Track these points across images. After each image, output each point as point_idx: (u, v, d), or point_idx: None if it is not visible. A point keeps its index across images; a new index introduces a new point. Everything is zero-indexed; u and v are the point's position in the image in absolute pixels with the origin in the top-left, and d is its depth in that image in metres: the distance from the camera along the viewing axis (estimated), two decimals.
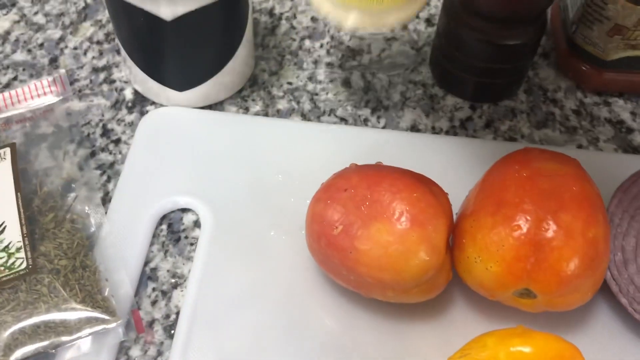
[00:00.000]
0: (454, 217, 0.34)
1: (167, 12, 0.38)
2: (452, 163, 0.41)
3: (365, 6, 0.36)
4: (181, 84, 0.43)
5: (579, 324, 0.35)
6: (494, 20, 0.41)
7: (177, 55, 0.41)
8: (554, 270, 0.30)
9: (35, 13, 0.51)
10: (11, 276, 0.35)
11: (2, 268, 0.35)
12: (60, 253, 0.36)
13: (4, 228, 0.37)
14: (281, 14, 0.52)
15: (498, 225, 0.31)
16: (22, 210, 0.37)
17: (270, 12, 0.52)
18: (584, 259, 0.30)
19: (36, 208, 0.38)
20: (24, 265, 0.35)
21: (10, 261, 0.35)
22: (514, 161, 0.34)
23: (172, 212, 0.40)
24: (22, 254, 0.35)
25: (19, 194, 0.38)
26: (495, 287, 0.32)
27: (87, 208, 0.39)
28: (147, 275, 0.37)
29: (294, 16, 0.52)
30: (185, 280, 0.37)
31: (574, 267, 0.30)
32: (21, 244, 0.36)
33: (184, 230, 0.39)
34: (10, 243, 0.36)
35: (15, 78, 0.47)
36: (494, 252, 0.31)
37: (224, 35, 0.41)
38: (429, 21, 0.52)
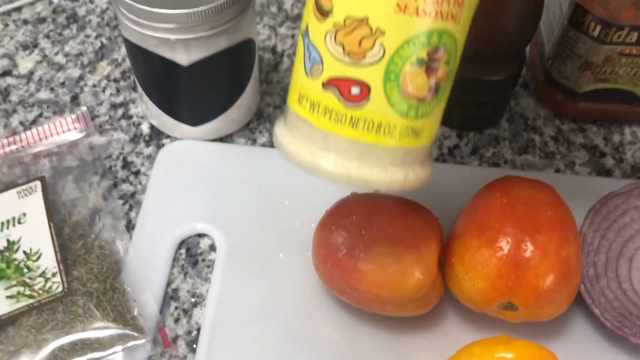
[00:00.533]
0: (445, 237, 0.39)
1: (183, 58, 0.42)
2: (441, 188, 0.46)
3: (357, 140, 0.30)
4: (195, 120, 0.47)
5: (556, 332, 0.39)
6: (477, 59, 0.45)
7: (192, 95, 0.45)
8: (532, 285, 0.34)
9: (56, 53, 0.55)
10: (50, 299, 0.39)
11: (41, 292, 0.39)
12: (92, 277, 0.40)
13: (40, 255, 0.41)
14: (283, 51, 0.56)
15: (483, 247, 0.35)
16: (55, 238, 0.41)
17: (273, 50, 0.56)
18: (558, 275, 0.34)
19: (67, 236, 0.42)
20: (60, 289, 0.39)
21: (48, 285, 0.39)
22: (496, 189, 0.38)
23: (190, 237, 0.44)
24: (57, 279, 0.39)
25: (51, 223, 0.42)
26: (482, 301, 0.36)
27: (113, 235, 0.43)
28: (170, 295, 0.41)
29: (295, 53, 0.56)
30: (204, 300, 0.41)
31: (549, 282, 0.34)
32: (56, 269, 0.40)
33: (201, 253, 0.43)
34: (46, 269, 0.40)
35: (40, 115, 0.51)
36: (479, 271, 0.35)
37: (234, 76, 0.46)
38: None
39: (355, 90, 0.29)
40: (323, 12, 0.28)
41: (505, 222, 0.35)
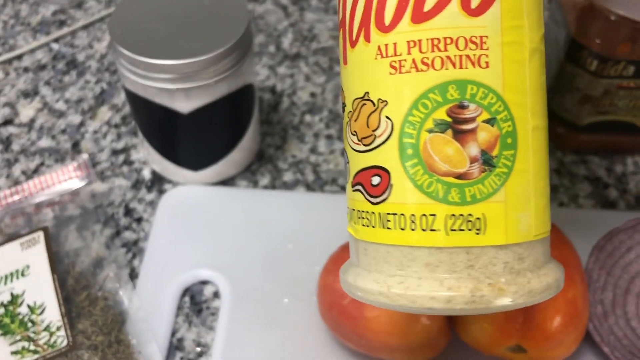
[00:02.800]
0: None
1: (184, 107, 0.42)
2: None
3: (394, 244, 0.24)
4: (196, 165, 0.47)
5: None
6: None
7: (193, 141, 0.45)
8: (540, 328, 0.34)
9: (57, 100, 0.56)
10: (54, 354, 0.38)
11: (46, 346, 0.39)
12: (97, 329, 0.40)
13: (44, 308, 0.40)
14: (282, 90, 0.57)
15: None
16: (59, 291, 0.41)
17: (272, 90, 0.57)
18: (565, 317, 0.34)
19: (70, 287, 0.42)
20: (65, 343, 0.39)
21: (53, 339, 0.39)
22: None
23: (194, 284, 0.44)
24: (62, 332, 0.39)
25: (55, 275, 0.42)
26: (490, 345, 0.36)
27: (117, 285, 0.43)
28: (175, 345, 0.41)
29: (294, 92, 0.56)
30: (209, 349, 0.41)
31: (557, 324, 0.34)
32: (61, 322, 0.40)
33: (205, 301, 0.43)
34: (51, 322, 0.40)
35: (42, 164, 0.51)
36: (487, 315, 0.35)
37: (234, 121, 0.46)
38: None
39: (376, 181, 0.24)
40: (343, 108, 0.26)
41: None
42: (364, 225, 0.24)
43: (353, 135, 0.24)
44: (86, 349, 0.39)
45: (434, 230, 0.23)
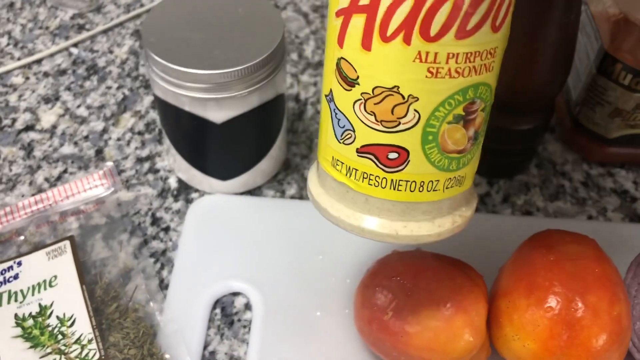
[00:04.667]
0: (488, 294, 0.38)
1: (216, 117, 0.42)
2: (476, 239, 0.45)
3: (400, 200, 0.29)
4: (225, 174, 0.47)
5: None
6: (507, 110, 0.45)
7: (223, 151, 0.45)
8: (584, 346, 0.34)
9: (78, 106, 0.55)
10: None
11: None
12: (129, 342, 0.39)
13: (74, 320, 0.40)
14: (306, 99, 0.56)
15: (532, 306, 0.35)
16: (88, 302, 0.40)
17: (296, 98, 0.56)
18: (611, 335, 0.34)
19: (99, 299, 0.41)
20: (97, 357, 0.38)
21: (84, 353, 0.38)
22: (540, 244, 0.38)
23: (225, 296, 0.43)
24: (94, 345, 0.38)
25: (83, 286, 0.41)
26: None
27: (147, 296, 0.42)
28: (207, 358, 0.40)
29: (318, 101, 0.56)
30: None
31: (602, 342, 0.34)
32: (92, 335, 0.39)
33: (236, 313, 0.42)
34: (82, 335, 0.39)
35: (65, 171, 0.50)
36: (530, 331, 0.34)
37: (265, 131, 0.45)
38: None
39: (392, 156, 0.28)
40: (348, 82, 0.27)
41: (554, 281, 0.35)
42: (370, 184, 0.29)
43: (369, 114, 0.27)
44: None
45: (436, 190, 0.29)
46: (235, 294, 0.43)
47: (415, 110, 0.26)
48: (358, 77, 0.27)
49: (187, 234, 0.46)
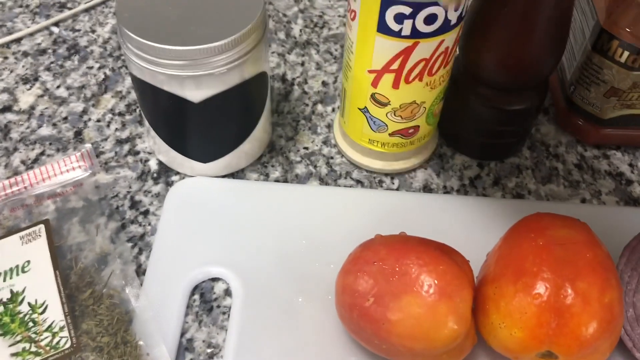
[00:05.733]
0: (475, 280, 0.36)
1: (194, 95, 0.40)
2: (465, 222, 0.44)
3: (414, 149, 0.46)
4: (205, 156, 0.45)
5: None
6: (498, 88, 0.44)
7: (203, 132, 0.43)
8: (574, 334, 0.32)
9: (58, 87, 0.53)
10: (57, 356, 0.36)
11: (48, 348, 0.36)
12: (102, 330, 0.38)
13: (46, 307, 0.38)
14: (293, 79, 0.54)
15: (520, 293, 0.33)
16: (61, 288, 0.39)
17: (283, 78, 0.54)
18: (601, 323, 0.32)
19: (73, 285, 0.40)
20: (68, 344, 0.37)
21: (55, 340, 0.37)
22: (529, 229, 0.36)
23: (204, 281, 0.42)
24: (65, 333, 0.37)
25: (57, 271, 0.40)
26: (520, 350, 0.34)
27: (123, 282, 0.41)
28: (184, 346, 0.39)
29: (305, 81, 0.54)
30: (220, 350, 0.39)
31: (592, 330, 0.32)
32: (64, 322, 0.38)
33: (215, 299, 0.41)
34: (53, 322, 0.38)
35: (42, 153, 0.49)
36: (517, 319, 0.33)
37: (247, 111, 0.44)
38: None
39: (410, 131, 0.44)
40: (381, 104, 0.42)
41: (542, 267, 0.33)
42: (398, 148, 0.46)
43: (397, 117, 0.43)
44: (91, 351, 0.37)
45: (430, 134, 0.47)
46: (215, 279, 0.42)
47: (424, 107, 0.43)
48: (389, 101, 0.42)
49: (166, 217, 0.44)
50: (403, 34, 0.37)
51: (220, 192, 0.46)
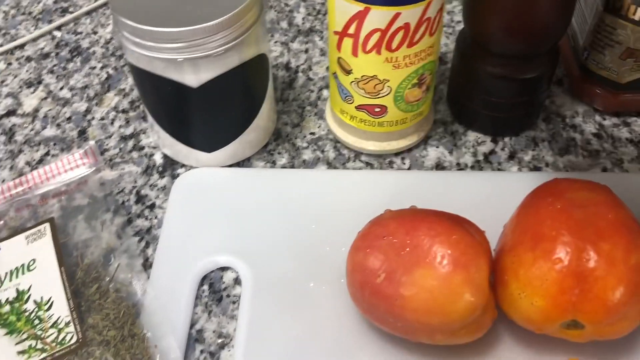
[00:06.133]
0: (493, 252, 0.35)
1: (192, 80, 0.39)
2: (481, 198, 0.42)
3: (386, 131, 0.45)
4: (209, 146, 0.44)
5: (629, 351, 0.35)
6: (507, 57, 0.42)
7: (205, 119, 0.42)
8: (600, 300, 0.30)
9: (61, 88, 0.53)
10: (64, 351, 0.35)
11: (54, 344, 0.36)
12: (108, 324, 0.37)
13: (52, 304, 0.37)
14: (297, 67, 0.53)
15: (539, 259, 0.31)
16: (67, 284, 0.38)
17: (287, 66, 0.53)
18: (629, 286, 0.30)
19: (80, 280, 0.39)
20: (74, 340, 0.36)
21: (61, 336, 0.36)
22: (546, 194, 0.34)
23: (212, 271, 0.40)
24: (71, 328, 0.36)
25: (62, 268, 0.39)
26: (542, 321, 0.32)
27: (129, 276, 0.40)
28: (194, 337, 0.38)
29: (310, 68, 0.53)
30: (231, 340, 0.37)
31: (619, 295, 0.30)
32: (70, 318, 0.37)
33: (225, 289, 0.40)
34: (59, 318, 0.37)
35: (47, 153, 0.48)
36: (537, 287, 0.31)
37: (248, 96, 0.43)
38: (441, 60, 0.53)
39: (377, 110, 0.43)
40: (346, 71, 0.42)
41: (561, 230, 0.31)
42: (366, 125, 0.44)
43: (360, 89, 0.42)
44: (97, 345, 0.36)
45: (404, 123, 0.44)
46: (224, 269, 0.41)
47: (388, 86, 0.41)
48: (351, 69, 0.41)
49: (171, 209, 0.43)
50: None
51: (226, 181, 0.44)
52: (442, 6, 0.39)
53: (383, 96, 0.42)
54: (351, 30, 0.38)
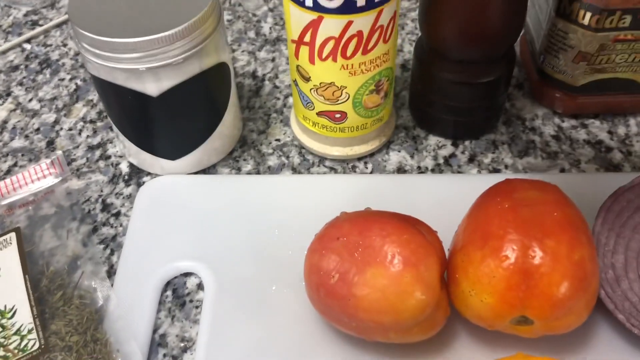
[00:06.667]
0: (447, 253, 0.35)
1: (152, 89, 0.40)
2: (440, 200, 0.43)
3: (348, 137, 0.46)
4: (173, 153, 0.45)
5: (578, 345, 0.36)
6: (463, 62, 0.43)
7: (167, 127, 0.43)
8: (545, 295, 0.31)
9: (30, 100, 0.53)
10: (25, 358, 0.36)
11: (16, 351, 0.36)
12: (71, 329, 0.37)
13: (15, 312, 0.38)
14: (264, 75, 0.54)
15: (487, 257, 0.32)
16: (31, 292, 0.39)
17: (253, 75, 0.54)
18: (573, 281, 0.31)
19: (44, 288, 0.39)
20: (36, 346, 0.36)
21: (24, 343, 0.36)
22: (496, 194, 0.35)
23: (175, 277, 0.41)
24: (34, 335, 0.37)
25: (27, 276, 0.39)
26: (492, 318, 0.33)
27: (93, 283, 0.40)
28: (157, 342, 0.38)
29: (276, 76, 0.54)
30: (194, 344, 0.38)
31: (564, 290, 0.31)
32: (32, 325, 0.37)
33: (188, 294, 0.40)
34: (22, 325, 0.37)
35: (15, 164, 0.49)
36: (486, 284, 0.32)
37: (209, 104, 0.43)
38: (404, 66, 0.54)
39: (337, 116, 0.44)
40: (304, 78, 0.42)
41: (508, 228, 0.32)
42: (327, 130, 0.45)
43: (319, 95, 0.43)
44: (60, 351, 0.36)
45: (365, 128, 0.45)
46: (187, 274, 0.41)
47: (346, 92, 0.42)
48: (310, 77, 0.42)
49: (136, 217, 0.44)
50: (306, 4, 0.37)
51: (189, 188, 0.45)
52: (395, 14, 0.40)
53: (342, 102, 0.43)
54: (307, 38, 0.39)
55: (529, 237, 0.32)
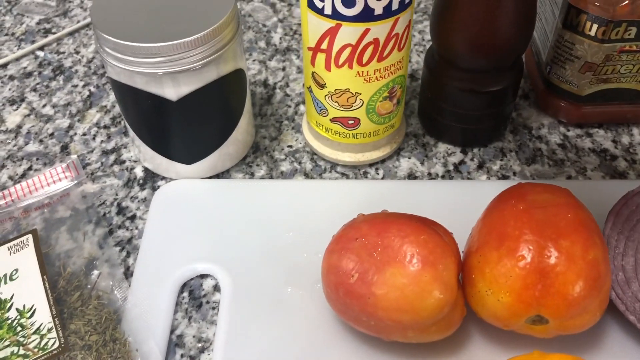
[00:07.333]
0: (461, 255, 0.36)
1: (172, 93, 0.41)
2: (450, 205, 0.44)
3: (360, 143, 0.47)
4: (189, 158, 0.46)
5: (591, 345, 0.36)
6: (473, 71, 0.44)
7: (184, 132, 0.44)
8: (561, 294, 0.32)
9: (44, 105, 0.54)
10: (46, 356, 0.36)
11: (37, 349, 0.36)
12: (90, 329, 0.37)
13: (34, 311, 0.38)
14: (275, 83, 0.55)
15: (503, 257, 0.33)
16: (49, 292, 0.39)
17: (265, 83, 0.55)
18: (587, 280, 0.32)
19: (62, 289, 0.40)
20: (56, 345, 0.36)
21: (43, 342, 0.37)
22: (510, 197, 0.36)
23: (192, 279, 0.42)
24: (53, 334, 0.37)
25: (45, 277, 0.40)
26: (508, 317, 0.33)
27: (110, 283, 0.41)
28: (174, 342, 0.39)
29: (287, 85, 0.55)
30: (211, 344, 0.38)
31: (579, 289, 0.32)
32: (52, 324, 0.37)
33: (204, 295, 0.41)
34: (41, 325, 0.37)
35: (30, 168, 0.49)
36: (503, 284, 0.33)
37: (226, 109, 0.44)
38: (412, 76, 0.55)
39: (351, 122, 0.45)
40: (320, 85, 0.44)
41: (524, 229, 0.33)
42: (340, 136, 0.46)
43: (334, 102, 0.44)
44: (79, 350, 0.36)
45: (377, 134, 0.46)
46: (204, 276, 0.42)
47: (360, 99, 0.43)
48: (325, 83, 0.43)
49: (152, 220, 0.44)
50: (325, 12, 0.38)
51: (205, 192, 0.46)
52: (409, 23, 0.41)
53: (356, 109, 0.44)
54: (324, 45, 0.40)
55: (544, 237, 0.33)
